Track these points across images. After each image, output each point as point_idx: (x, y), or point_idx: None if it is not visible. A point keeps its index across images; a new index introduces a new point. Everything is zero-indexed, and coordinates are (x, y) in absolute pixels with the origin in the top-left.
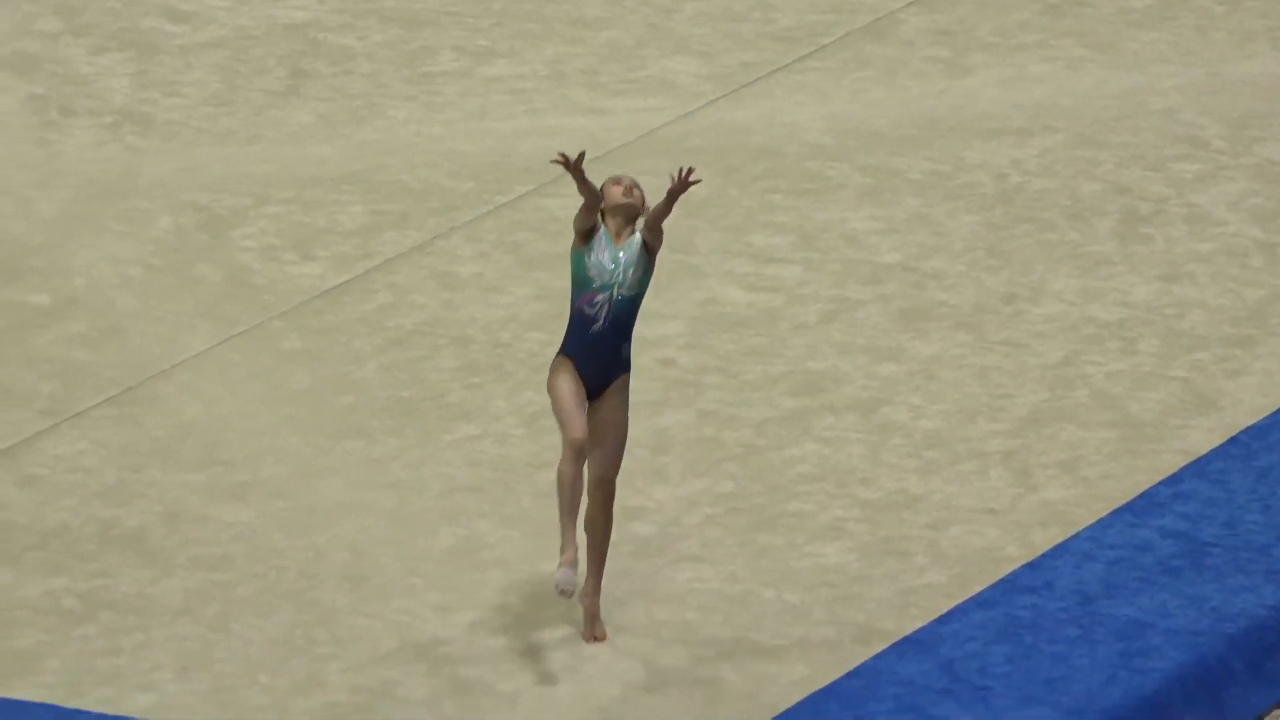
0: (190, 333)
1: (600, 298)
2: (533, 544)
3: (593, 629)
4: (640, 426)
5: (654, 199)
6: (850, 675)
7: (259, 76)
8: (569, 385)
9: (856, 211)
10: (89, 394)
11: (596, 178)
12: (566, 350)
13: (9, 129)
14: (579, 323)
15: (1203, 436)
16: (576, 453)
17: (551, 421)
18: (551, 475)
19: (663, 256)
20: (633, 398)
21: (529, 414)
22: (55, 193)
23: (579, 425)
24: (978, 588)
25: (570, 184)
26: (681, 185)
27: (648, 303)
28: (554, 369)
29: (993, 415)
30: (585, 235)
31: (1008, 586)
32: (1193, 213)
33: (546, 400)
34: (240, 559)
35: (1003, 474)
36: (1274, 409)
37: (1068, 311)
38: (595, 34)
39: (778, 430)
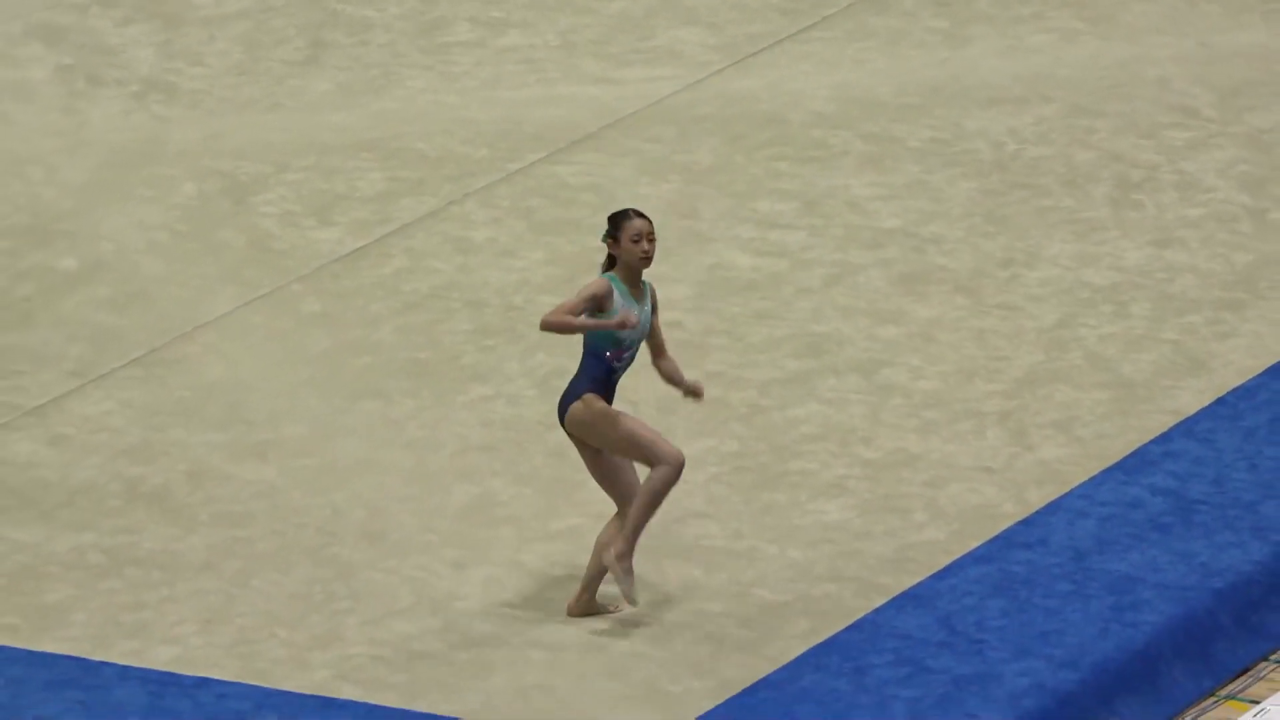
0: (213, 296)
1: (629, 353)
2: (544, 501)
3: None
4: (648, 387)
5: (657, 174)
6: (851, 628)
7: (280, 46)
8: (624, 414)
9: (859, 178)
10: (115, 355)
11: (608, 144)
12: (590, 388)
13: (38, 98)
14: (604, 371)
15: (1192, 397)
16: (681, 468)
17: (563, 381)
18: (561, 436)
19: (671, 222)
20: (642, 358)
21: (541, 375)
22: (83, 160)
23: (673, 446)
24: (974, 544)
25: (582, 151)
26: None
27: (656, 267)
28: (593, 405)
29: (990, 376)
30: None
31: (1003, 543)
32: (1183, 179)
33: (556, 363)
34: (261, 516)
35: (999, 433)
36: (1261, 370)
37: (1062, 276)
38: (606, 5)
39: (782, 391)
